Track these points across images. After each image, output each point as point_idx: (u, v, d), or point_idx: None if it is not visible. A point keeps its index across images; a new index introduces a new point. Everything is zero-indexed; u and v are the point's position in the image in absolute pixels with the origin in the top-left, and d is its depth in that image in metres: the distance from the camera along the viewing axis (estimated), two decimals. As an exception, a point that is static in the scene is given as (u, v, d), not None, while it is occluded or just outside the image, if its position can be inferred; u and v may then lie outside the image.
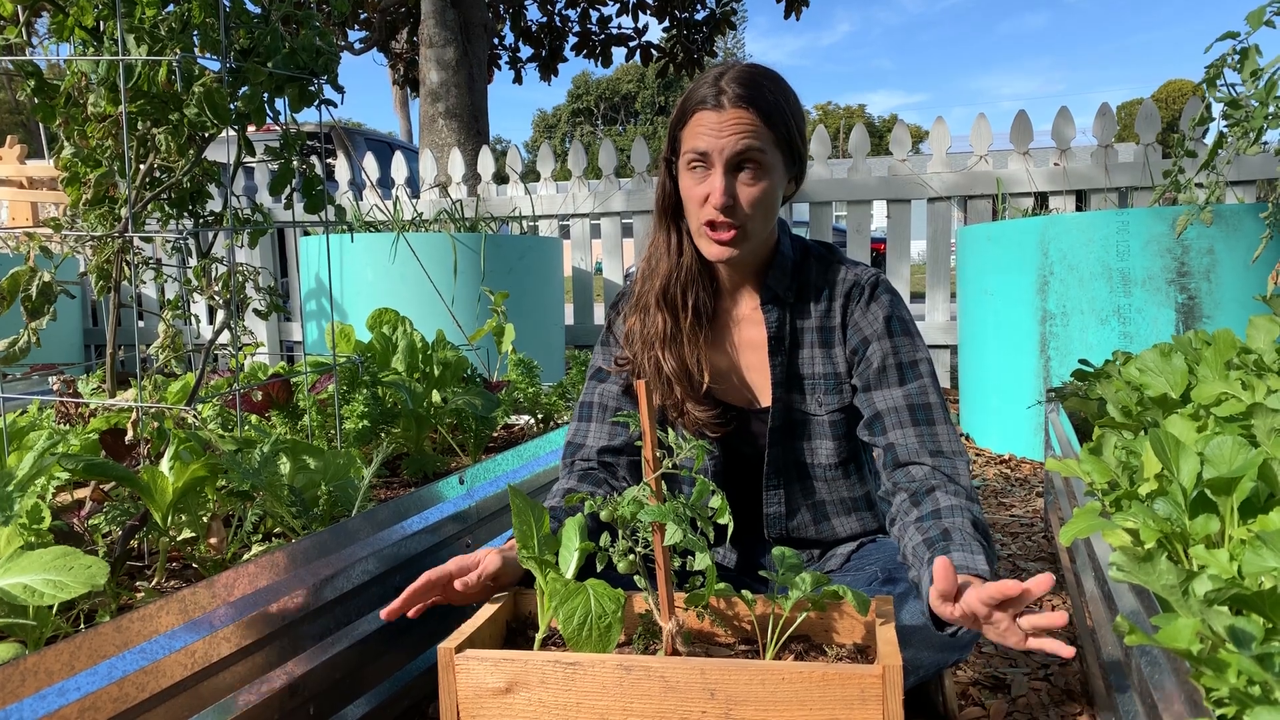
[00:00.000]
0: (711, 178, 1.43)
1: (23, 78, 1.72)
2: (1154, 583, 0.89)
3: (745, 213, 1.44)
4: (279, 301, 1.97)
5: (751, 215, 1.45)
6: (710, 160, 1.42)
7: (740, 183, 1.43)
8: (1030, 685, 1.60)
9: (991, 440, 3.54)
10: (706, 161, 1.43)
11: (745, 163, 1.42)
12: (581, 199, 5.23)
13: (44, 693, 0.96)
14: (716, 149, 1.41)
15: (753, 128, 1.41)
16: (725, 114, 1.41)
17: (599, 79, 72.33)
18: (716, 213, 1.43)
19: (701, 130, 1.43)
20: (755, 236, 1.48)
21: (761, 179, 1.44)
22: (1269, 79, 2.14)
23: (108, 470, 1.42)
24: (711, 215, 1.44)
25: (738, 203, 1.43)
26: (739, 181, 1.43)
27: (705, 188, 1.44)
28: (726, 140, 1.41)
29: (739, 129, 1.41)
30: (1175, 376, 1.62)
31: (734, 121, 1.41)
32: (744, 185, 1.43)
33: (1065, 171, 4.26)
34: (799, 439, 1.58)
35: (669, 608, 1.19)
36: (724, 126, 1.41)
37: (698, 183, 1.45)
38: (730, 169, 1.42)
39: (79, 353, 5.78)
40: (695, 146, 1.43)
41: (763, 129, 1.42)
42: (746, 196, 1.43)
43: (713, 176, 1.43)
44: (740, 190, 1.43)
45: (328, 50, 1.74)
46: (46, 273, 1.73)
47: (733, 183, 1.42)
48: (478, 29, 6.94)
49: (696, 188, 1.45)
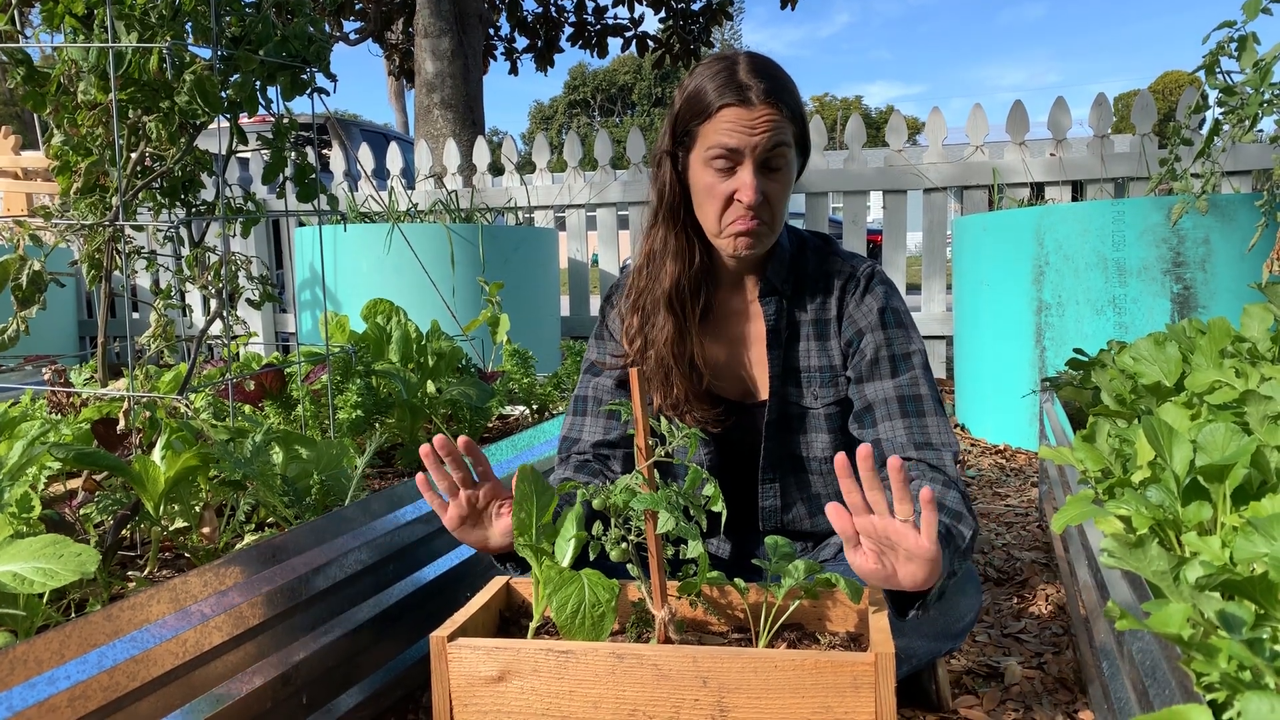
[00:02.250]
0: (740, 174, 1.40)
1: (13, 65, 1.71)
2: (1145, 569, 0.89)
3: (770, 209, 1.43)
4: (272, 291, 1.97)
5: (775, 211, 1.44)
6: (740, 156, 1.39)
7: (767, 180, 1.42)
8: (1024, 674, 1.60)
9: (987, 430, 3.54)
10: (735, 158, 1.40)
11: (773, 160, 1.41)
12: (577, 190, 5.21)
13: (33, 681, 0.96)
14: (749, 146, 1.38)
15: (781, 124, 1.39)
16: (756, 110, 1.38)
17: (595, 70, 72.17)
18: (745, 210, 1.41)
19: (730, 127, 1.39)
20: (774, 233, 1.48)
21: (785, 175, 1.44)
22: (1264, 66, 2.13)
23: (99, 460, 1.42)
24: (739, 212, 1.42)
25: (768, 198, 1.42)
26: (766, 179, 1.41)
27: (732, 184, 1.41)
28: (760, 138, 1.38)
29: (771, 125, 1.38)
30: (1169, 365, 1.62)
31: (766, 119, 1.38)
32: (771, 182, 1.42)
33: (1062, 162, 4.25)
34: (795, 432, 1.57)
35: (662, 596, 1.19)
36: (757, 123, 1.38)
37: (721, 179, 1.42)
38: (760, 166, 1.40)
39: (73, 344, 5.76)
40: (724, 143, 1.39)
41: (788, 125, 1.41)
42: (774, 193, 1.43)
43: (741, 173, 1.40)
44: (769, 186, 1.42)
45: (320, 38, 1.73)
46: (36, 261, 1.72)
47: (762, 180, 1.41)
48: (473, 19, 6.91)
49: (721, 184, 1.42)
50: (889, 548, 1.10)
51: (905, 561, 1.10)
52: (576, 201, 5.23)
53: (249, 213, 1.89)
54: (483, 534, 1.34)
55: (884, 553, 1.11)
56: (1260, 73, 2.15)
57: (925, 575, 1.09)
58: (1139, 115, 4.13)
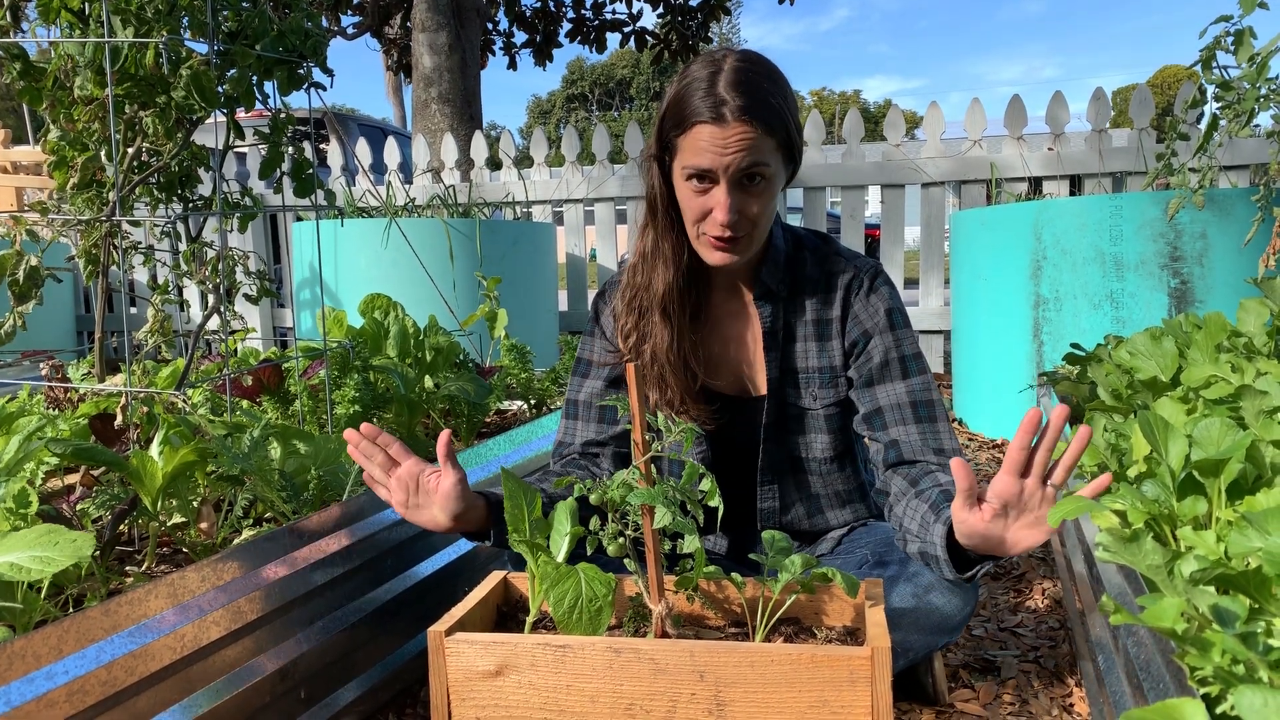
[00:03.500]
0: (715, 193, 1.38)
1: (9, 60, 1.70)
2: (1140, 563, 0.89)
3: (749, 223, 1.41)
4: (270, 287, 1.97)
5: (755, 224, 1.42)
6: (714, 176, 1.37)
7: (745, 196, 1.39)
8: (1020, 667, 1.61)
9: (984, 425, 3.55)
10: (709, 178, 1.37)
11: (749, 177, 1.37)
12: (575, 184, 5.21)
13: (31, 676, 0.96)
14: (720, 166, 1.35)
15: (756, 142, 1.34)
16: (728, 129, 1.33)
17: (593, 64, 72.05)
18: (721, 228, 1.39)
19: (702, 146, 1.35)
20: (757, 242, 1.46)
21: (765, 190, 1.40)
22: (1260, 61, 2.13)
23: (96, 455, 1.42)
24: (716, 230, 1.40)
25: (743, 217, 1.39)
26: (743, 195, 1.38)
27: (707, 202, 1.39)
28: (731, 158, 1.34)
29: (743, 144, 1.34)
30: (1165, 360, 1.63)
31: (738, 138, 1.33)
32: (749, 198, 1.39)
33: (1059, 156, 4.25)
34: (794, 433, 1.57)
35: (659, 590, 1.19)
36: (729, 143, 1.34)
37: (697, 195, 1.39)
38: (734, 184, 1.37)
39: (71, 339, 5.76)
40: (696, 164, 1.36)
41: (765, 140, 1.35)
42: (751, 210, 1.40)
43: (716, 192, 1.38)
44: (745, 204, 1.39)
45: (316, 33, 1.73)
46: (33, 257, 1.72)
47: (738, 198, 1.38)
48: (471, 14, 6.89)
49: (696, 200, 1.40)
50: (1017, 510, 1.13)
51: (1027, 527, 1.13)
52: (574, 196, 5.23)
53: (246, 208, 1.89)
54: (430, 512, 1.31)
55: (1005, 514, 1.13)
56: (1257, 67, 2.15)
57: (1034, 542, 1.13)
58: (1137, 110, 4.12)
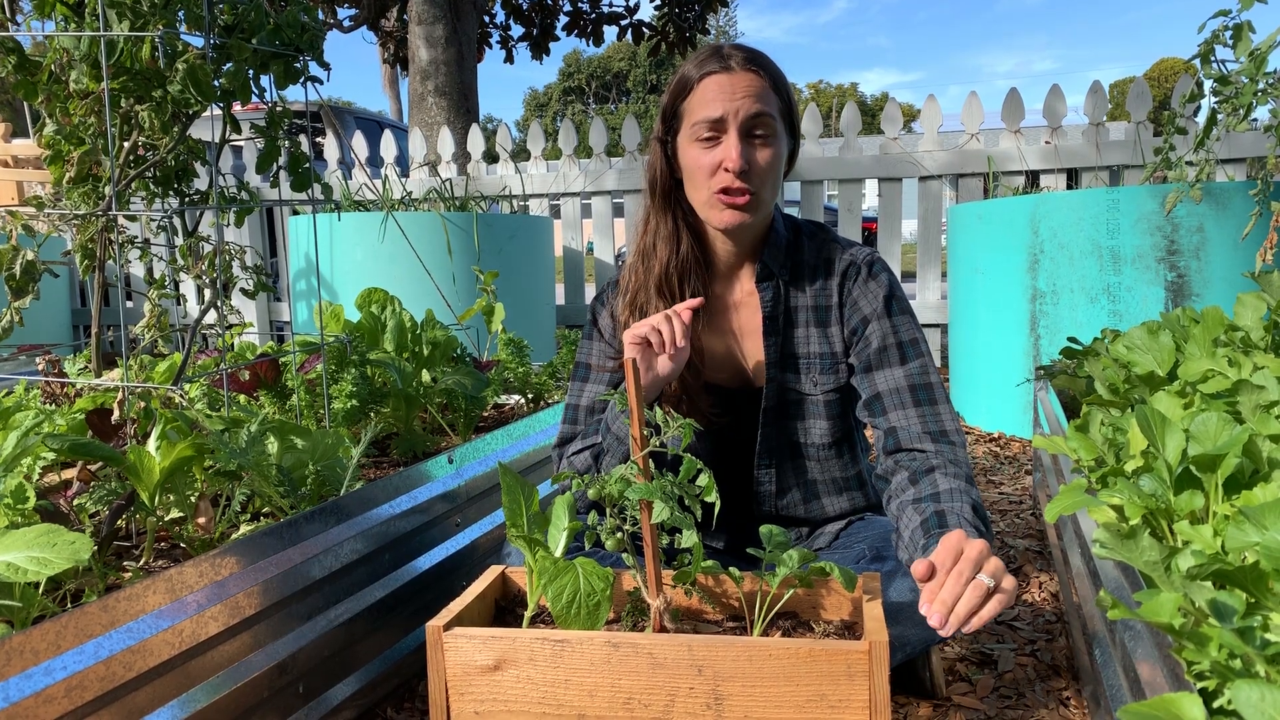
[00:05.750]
0: (725, 142, 1.43)
1: (4, 54, 1.70)
2: (1137, 559, 0.90)
3: (758, 178, 1.44)
4: (266, 280, 1.96)
5: (764, 181, 1.45)
6: (724, 125, 1.42)
7: (752, 149, 1.43)
8: (1017, 661, 1.61)
9: (981, 418, 3.55)
10: (719, 127, 1.43)
11: (756, 127, 1.43)
12: (572, 178, 5.20)
13: (30, 672, 0.96)
14: (731, 111, 1.41)
15: (763, 91, 1.43)
16: (737, 76, 1.42)
17: (590, 57, 71.85)
18: (732, 177, 1.42)
19: (711, 96, 1.42)
20: (765, 205, 1.49)
21: (771, 144, 1.45)
22: (1258, 55, 2.13)
23: (94, 450, 1.42)
24: (726, 181, 1.43)
25: (753, 166, 1.43)
26: (750, 148, 1.43)
27: (718, 154, 1.43)
28: (741, 102, 1.41)
29: (752, 90, 1.42)
30: (1163, 354, 1.63)
31: (746, 84, 1.42)
32: (757, 149, 1.44)
33: (1057, 150, 4.25)
34: (793, 418, 1.58)
35: (657, 585, 1.20)
36: (737, 88, 1.42)
37: (707, 152, 1.44)
38: (744, 133, 1.42)
39: (67, 333, 5.74)
40: (707, 114, 1.42)
41: (771, 95, 1.44)
42: (759, 160, 1.44)
43: (726, 141, 1.43)
44: (754, 154, 1.44)
45: (313, 26, 1.72)
46: (30, 251, 1.71)
47: (747, 147, 1.43)
48: (467, 6, 6.87)
49: (706, 156, 1.44)
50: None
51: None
52: (571, 190, 5.22)
53: (243, 202, 1.89)
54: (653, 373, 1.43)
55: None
56: (1255, 61, 2.15)
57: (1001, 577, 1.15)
58: (1134, 103, 4.12)
